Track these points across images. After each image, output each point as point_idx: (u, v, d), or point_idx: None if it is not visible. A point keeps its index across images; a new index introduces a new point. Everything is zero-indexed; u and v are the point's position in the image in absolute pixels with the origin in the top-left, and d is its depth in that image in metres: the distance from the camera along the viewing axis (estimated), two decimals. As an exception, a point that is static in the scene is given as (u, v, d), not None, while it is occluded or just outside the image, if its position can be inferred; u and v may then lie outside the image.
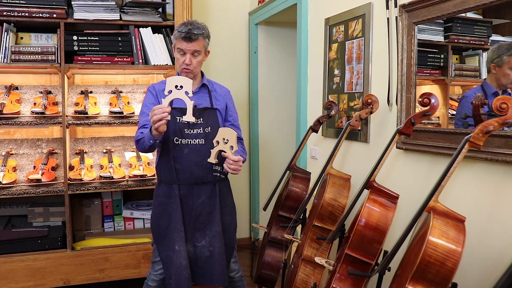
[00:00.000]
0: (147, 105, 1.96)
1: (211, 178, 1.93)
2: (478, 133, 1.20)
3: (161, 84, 2.01)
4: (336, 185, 1.93)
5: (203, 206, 1.92)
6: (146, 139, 1.80)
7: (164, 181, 1.94)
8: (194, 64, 1.90)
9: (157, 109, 1.65)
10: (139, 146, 1.88)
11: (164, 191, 1.93)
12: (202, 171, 1.90)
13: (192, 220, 1.92)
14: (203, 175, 1.91)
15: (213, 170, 1.93)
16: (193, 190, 1.91)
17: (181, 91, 1.70)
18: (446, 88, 1.69)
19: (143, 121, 1.94)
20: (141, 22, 2.72)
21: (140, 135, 1.87)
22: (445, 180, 1.24)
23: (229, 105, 2.05)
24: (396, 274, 1.40)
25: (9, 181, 2.52)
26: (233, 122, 2.06)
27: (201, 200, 1.92)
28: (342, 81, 2.29)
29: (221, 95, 2.04)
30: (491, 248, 1.43)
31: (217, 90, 2.04)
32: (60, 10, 2.54)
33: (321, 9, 2.50)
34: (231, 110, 2.06)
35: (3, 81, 2.82)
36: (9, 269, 2.50)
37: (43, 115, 2.61)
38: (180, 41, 1.88)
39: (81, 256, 2.61)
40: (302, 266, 2.00)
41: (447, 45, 1.67)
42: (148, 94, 2.00)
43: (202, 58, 1.94)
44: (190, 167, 1.88)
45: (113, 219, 2.94)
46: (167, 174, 1.92)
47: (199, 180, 1.90)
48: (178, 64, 1.93)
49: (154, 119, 1.65)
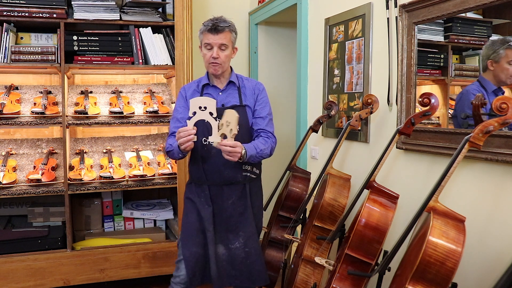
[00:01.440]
0: (177, 109, 1.96)
1: (240, 178, 1.90)
2: (478, 133, 1.20)
3: (191, 85, 2.00)
4: (336, 185, 1.93)
5: (234, 207, 1.89)
6: (175, 152, 1.84)
7: (195, 181, 1.95)
8: (222, 58, 1.86)
9: (183, 132, 1.71)
10: (170, 156, 1.91)
11: (195, 190, 1.93)
12: (231, 171, 1.87)
13: (223, 221, 1.90)
14: (232, 176, 1.88)
15: (243, 169, 1.90)
16: (223, 190, 1.89)
17: (205, 112, 1.73)
18: (446, 88, 1.69)
19: (173, 128, 1.94)
20: (141, 22, 2.72)
21: (169, 147, 1.88)
22: (445, 180, 1.24)
23: (258, 98, 1.97)
24: (396, 274, 1.40)
25: (9, 181, 2.52)
26: (257, 115, 1.96)
27: (231, 201, 1.89)
28: (342, 81, 2.29)
29: (250, 89, 1.97)
30: (491, 248, 1.43)
31: (246, 85, 1.98)
32: (60, 10, 2.54)
33: (321, 9, 2.50)
34: (258, 102, 1.97)
35: (3, 81, 2.82)
36: (9, 269, 2.50)
37: (43, 115, 2.61)
38: (206, 34, 1.84)
39: (81, 256, 2.61)
40: (302, 266, 2.00)
41: (447, 45, 1.67)
42: (179, 97, 2.00)
43: (230, 53, 1.89)
44: (219, 167, 1.86)
45: (113, 219, 2.93)
46: (196, 174, 1.93)
47: (228, 181, 1.88)
48: (205, 60, 1.88)
49: (181, 142, 1.71)
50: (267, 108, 1.98)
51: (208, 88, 1.96)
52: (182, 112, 1.95)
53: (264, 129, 1.95)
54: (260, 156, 1.87)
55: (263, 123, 1.95)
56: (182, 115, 1.94)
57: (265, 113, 1.96)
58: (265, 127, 1.95)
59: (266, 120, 1.96)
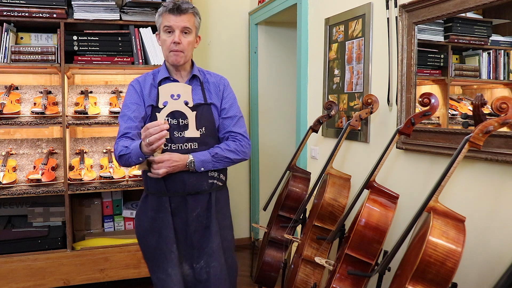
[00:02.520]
0: (128, 106, 1.64)
1: (206, 187, 1.66)
2: (478, 133, 1.20)
3: (146, 78, 1.70)
4: (336, 185, 1.93)
5: (199, 220, 1.66)
6: (134, 156, 1.50)
7: (152, 193, 1.66)
8: (184, 44, 1.60)
9: (152, 128, 1.38)
10: (122, 162, 1.57)
11: (153, 204, 1.66)
12: (195, 179, 1.62)
13: (187, 237, 1.66)
14: (197, 184, 1.63)
15: (209, 176, 1.66)
16: (186, 202, 1.64)
17: (179, 102, 1.45)
18: (446, 88, 1.69)
19: (124, 128, 1.61)
20: (141, 22, 2.72)
21: (124, 150, 1.53)
22: (445, 180, 1.24)
23: (224, 94, 1.73)
24: (396, 274, 1.40)
25: (9, 181, 2.52)
26: (224, 114, 1.70)
27: (196, 213, 1.65)
28: (342, 81, 2.29)
29: (214, 84, 1.72)
30: (491, 248, 1.43)
31: (209, 80, 1.73)
32: (60, 10, 2.54)
33: (321, 9, 2.50)
34: (224, 99, 1.72)
35: (3, 81, 2.82)
36: (9, 269, 2.50)
37: (43, 115, 2.61)
38: (167, 15, 1.59)
39: (81, 256, 2.61)
40: (302, 266, 2.00)
41: (447, 45, 1.67)
42: (130, 91, 1.67)
43: (193, 39, 1.64)
44: (182, 175, 1.60)
45: (113, 219, 2.93)
46: (155, 184, 1.64)
47: (192, 190, 1.63)
48: (165, 46, 1.62)
49: (151, 140, 1.38)
50: (235, 106, 1.74)
51: (167, 83, 1.67)
52: (135, 110, 1.64)
53: (232, 131, 1.70)
54: (220, 161, 1.64)
55: (231, 123, 1.71)
56: (136, 113, 1.63)
57: (233, 112, 1.72)
58: (233, 128, 1.71)
59: (234, 120, 1.71)
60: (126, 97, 1.69)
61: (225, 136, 1.71)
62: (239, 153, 1.70)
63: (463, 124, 1.37)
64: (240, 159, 1.70)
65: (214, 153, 1.63)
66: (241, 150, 1.70)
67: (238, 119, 1.73)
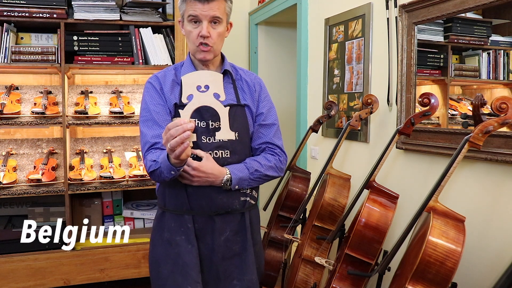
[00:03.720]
0: (151, 109, 1.36)
1: (238, 205, 1.38)
2: (478, 133, 1.20)
3: (166, 74, 1.43)
4: (336, 185, 1.93)
5: (229, 246, 1.37)
6: (165, 170, 1.23)
7: (171, 211, 1.38)
8: (213, 37, 1.33)
9: (173, 127, 1.09)
10: (156, 179, 1.31)
11: (171, 225, 1.37)
12: (225, 196, 1.35)
13: (213, 266, 1.37)
14: (228, 202, 1.36)
15: (241, 193, 1.38)
16: (213, 223, 1.36)
17: (208, 94, 1.15)
18: (446, 88, 1.69)
19: (151, 137, 1.33)
20: (141, 22, 2.72)
21: (153, 165, 1.28)
22: (445, 180, 1.24)
23: (261, 96, 1.46)
24: (396, 274, 1.40)
25: (9, 181, 2.52)
26: (261, 121, 1.44)
27: (224, 237, 1.37)
28: (342, 81, 2.29)
29: (249, 83, 1.46)
30: (490, 248, 1.43)
31: (243, 78, 1.47)
32: (60, 10, 2.55)
33: (321, 9, 2.50)
34: (262, 102, 1.45)
35: (3, 81, 2.82)
36: (10, 269, 2.50)
37: (43, 115, 2.61)
38: (192, 2, 1.30)
39: (81, 256, 2.61)
40: (302, 266, 2.01)
41: (447, 45, 1.67)
42: (150, 91, 1.39)
43: (224, 29, 1.39)
44: (210, 190, 1.34)
45: (113, 219, 2.94)
46: (174, 200, 1.37)
47: (221, 209, 1.36)
48: (191, 39, 1.35)
49: (172, 144, 1.09)
50: (273, 113, 1.48)
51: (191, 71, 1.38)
52: (161, 113, 1.36)
53: (271, 142, 1.43)
54: (258, 179, 1.38)
55: (270, 133, 1.44)
56: (163, 116, 1.36)
57: (272, 119, 1.46)
58: (273, 139, 1.44)
59: (273, 130, 1.45)
60: (145, 97, 1.39)
61: (261, 147, 1.43)
62: (278, 170, 1.43)
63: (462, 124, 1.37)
64: (276, 177, 1.45)
65: (253, 170, 1.36)
66: (279, 167, 1.44)
67: (277, 128, 1.48)
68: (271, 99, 1.51)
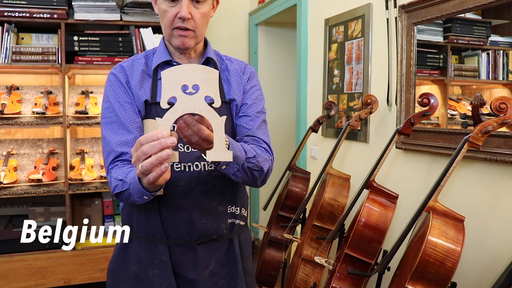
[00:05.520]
0: (115, 106, 1.07)
1: (225, 230, 1.13)
2: (477, 133, 1.20)
3: (135, 63, 1.13)
4: (336, 185, 1.94)
5: (215, 281, 1.12)
6: (135, 193, 0.94)
7: (140, 238, 1.11)
8: (196, 19, 1.05)
9: (147, 142, 0.79)
10: (124, 200, 1.04)
11: (139, 255, 1.11)
12: (210, 219, 1.10)
13: None
14: (212, 227, 1.11)
15: (228, 214, 1.13)
16: (195, 254, 1.10)
17: (197, 97, 0.82)
18: (445, 88, 1.69)
19: (116, 144, 1.05)
20: (142, 22, 2.72)
21: (120, 186, 1.00)
22: (444, 180, 1.25)
23: (248, 85, 1.18)
24: (395, 274, 1.41)
25: (10, 181, 2.52)
26: (245, 112, 1.15)
27: (209, 271, 1.12)
28: (342, 81, 2.30)
29: (237, 72, 1.18)
30: (490, 248, 1.43)
31: (229, 67, 1.19)
32: (61, 11, 2.55)
33: (320, 10, 2.51)
34: (248, 92, 1.18)
35: (4, 81, 2.83)
36: (10, 269, 2.50)
37: (44, 115, 2.61)
38: None
39: (81, 255, 2.62)
40: (302, 266, 2.01)
41: (447, 45, 1.67)
42: (113, 84, 1.10)
43: (208, 9, 1.09)
44: (189, 213, 1.08)
45: (113, 219, 2.94)
46: (144, 225, 1.10)
47: (205, 236, 1.10)
48: (166, 20, 1.06)
49: (145, 166, 0.79)
50: (259, 104, 1.18)
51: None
52: (128, 113, 1.08)
53: (256, 136, 1.14)
54: (250, 169, 1.04)
55: (252, 125, 1.15)
56: (132, 117, 1.08)
57: (256, 109, 1.16)
58: (257, 133, 1.14)
59: (256, 122, 1.15)
60: (107, 93, 1.10)
61: (242, 140, 1.14)
62: (269, 169, 1.13)
63: (462, 124, 1.38)
64: (263, 177, 1.11)
65: (252, 155, 1.04)
66: (271, 167, 1.14)
67: (262, 122, 1.17)
68: (261, 91, 1.23)
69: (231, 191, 1.15)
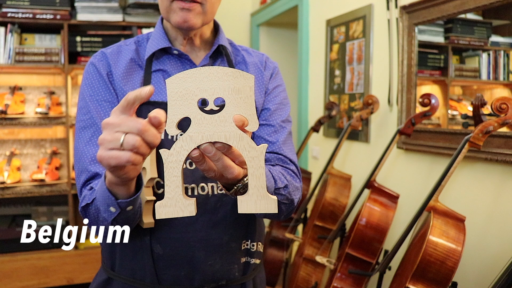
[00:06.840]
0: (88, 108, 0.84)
1: (237, 272, 0.89)
2: (478, 133, 1.21)
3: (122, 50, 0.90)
4: (337, 184, 1.94)
5: None
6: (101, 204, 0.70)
7: (124, 279, 0.87)
8: None
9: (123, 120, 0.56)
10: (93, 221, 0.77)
11: None
12: (219, 259, 0.87)
13: None
14: (222, 269, 0.87)
15: (242, 251, 0.90)
16: None
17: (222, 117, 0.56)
18: (446, 88, 1.70)
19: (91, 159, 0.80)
20: (144, 23, 2.73)
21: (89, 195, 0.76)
22: (445, 180, 1.25)
23: (271, 84, 0.94)
24: (396, 273, 1.41)
25: (13, 180, 2.54)
26: (266, 119, 0.91)
27: None
28: (343, 82, 2.30)
29: (256, 66, 0.94)
30: (491, 247, 1.44)
31: (247, 59, 0.95)
32: (64, 12, 2.57)
33: (322, 11, 2.51)
34: (272, 94, 0.93)
35: (7, 81, 2.84)
36: (13, 268, 2.52)
37: (47, 116, 2.63)
38: None
39: (84, 255, 2.63)
40: (303, 265, 2.02)
41: (447, 46, 1.68)
42: (90, 77, 0.87)
43: None
44: (192, 249, 0.85)
45: (115, 218, 2.95)
46: (131, 263, 0.86)
47: (212, 282, 0.87)
48: None
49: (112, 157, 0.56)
50: (285, 111, 0.94)
51: (166, 60, 0.89)
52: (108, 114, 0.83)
53: (282, 154, 0.89)
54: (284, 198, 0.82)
55: (277, 139, 0.90)
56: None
57: (281, 117, 0.92)
58: (283, 149, 0.90)
59: (282, 135, 0.91)
60: (84, 90, 0.86)
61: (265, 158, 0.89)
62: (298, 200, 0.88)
63: (463, 125, 1.38)
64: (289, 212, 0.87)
65: (283, 184, 0.81)
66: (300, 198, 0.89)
67: (288, 134, 0.93)
68: (286, 93, 0.98)
69: (246, 221, 0.89)
